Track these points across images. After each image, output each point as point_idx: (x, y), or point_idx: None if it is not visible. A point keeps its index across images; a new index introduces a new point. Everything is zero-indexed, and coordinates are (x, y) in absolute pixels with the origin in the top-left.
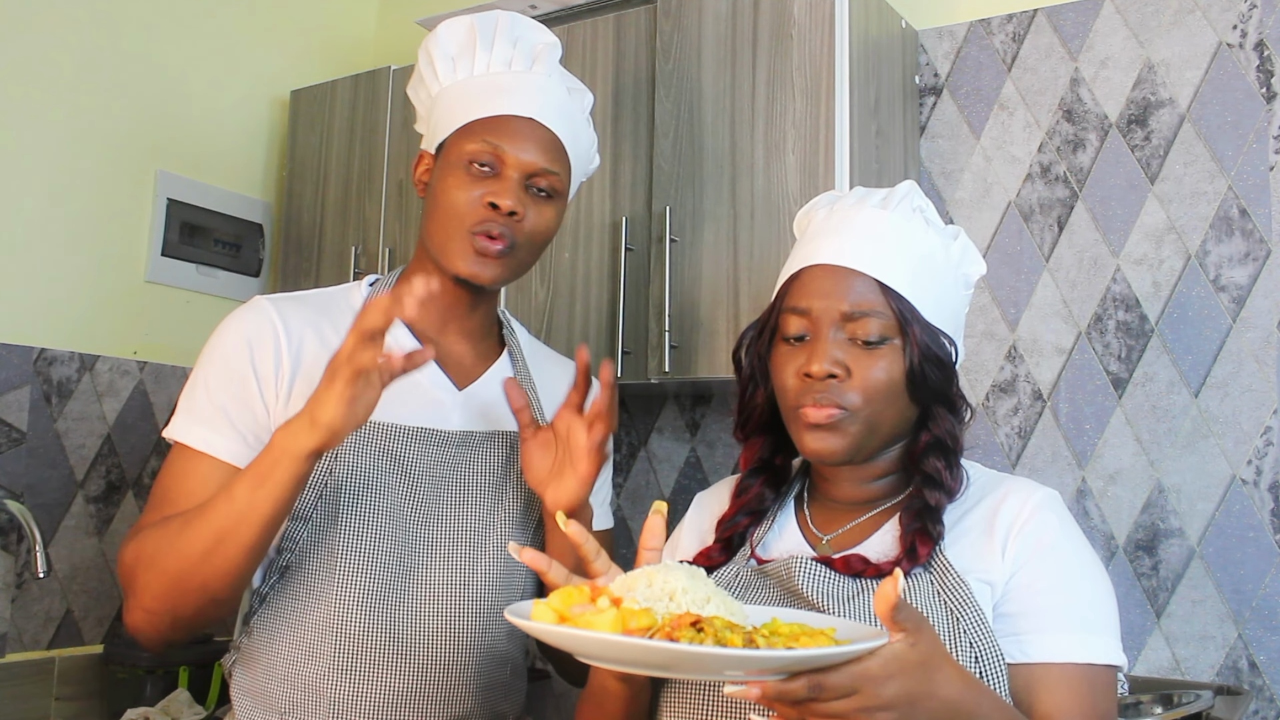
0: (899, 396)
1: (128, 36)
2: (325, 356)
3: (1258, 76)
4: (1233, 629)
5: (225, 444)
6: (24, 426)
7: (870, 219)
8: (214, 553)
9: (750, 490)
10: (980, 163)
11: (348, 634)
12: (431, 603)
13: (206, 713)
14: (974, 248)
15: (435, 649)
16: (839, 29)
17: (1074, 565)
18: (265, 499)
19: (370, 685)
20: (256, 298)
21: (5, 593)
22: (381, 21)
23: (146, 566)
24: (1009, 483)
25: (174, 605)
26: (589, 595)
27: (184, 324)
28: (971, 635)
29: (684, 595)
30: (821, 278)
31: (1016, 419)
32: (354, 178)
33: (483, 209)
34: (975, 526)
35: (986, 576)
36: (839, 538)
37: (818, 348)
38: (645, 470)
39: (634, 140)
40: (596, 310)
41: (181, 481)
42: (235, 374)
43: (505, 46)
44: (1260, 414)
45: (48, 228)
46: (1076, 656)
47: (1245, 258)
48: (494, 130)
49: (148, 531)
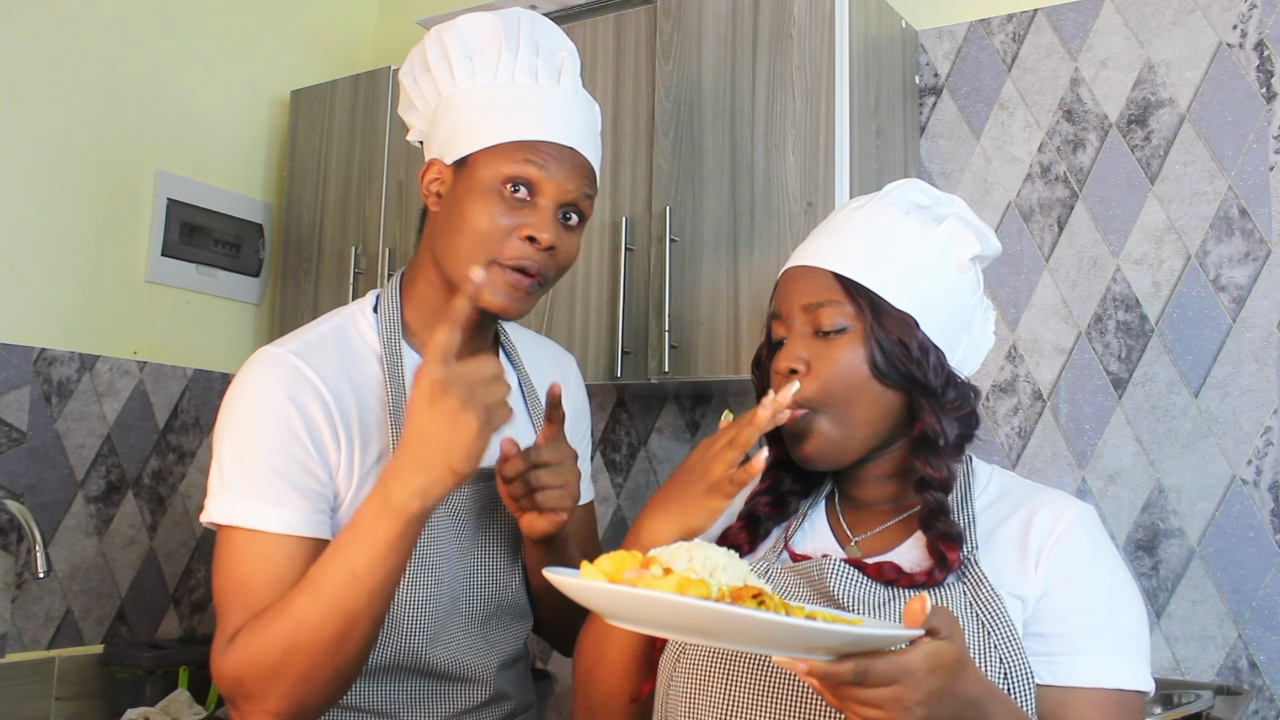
0: (868, 386)
1: (128, 36)
2: (368, 410)
3: (1258, 76)
4: (1233, 629)
5: (296, 517)
6: (24, 426)
7: (841, 220)
8: (347, 638)
9: (770, 472)
10: (980, 163)
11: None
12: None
13: (206, 713)
14: (968, 228)
15: (452, 664)
16: (839, 29)
17: (1107, 586)
18: (396, 568)
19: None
20: (271, 351)
21: (5, 593)
22: (381, 21)
23: (265, 673)
24: (1042, 495)
25: (304, 699)
26: (641, 560)
27: (184, 324)
28: (1002, 651)
29: (724, 573)
30: (788, 280)
31: (1016, 419)
32: (354, 178)
33: (519, 243)
34: (1009, 540)
35: (1019, 591)
36: (868, 540)
37: (784, 348)
38: (645, 470)
39: (634, 140)
40: (596, 310)
41: (261, 569)
42: (292, 440)
43: (529, 53)
44: (1260, 414)
45: (48, 228)
46: (1107, 682)
47: (1245, 258)
48: (533, 157)
49: (249, 636)
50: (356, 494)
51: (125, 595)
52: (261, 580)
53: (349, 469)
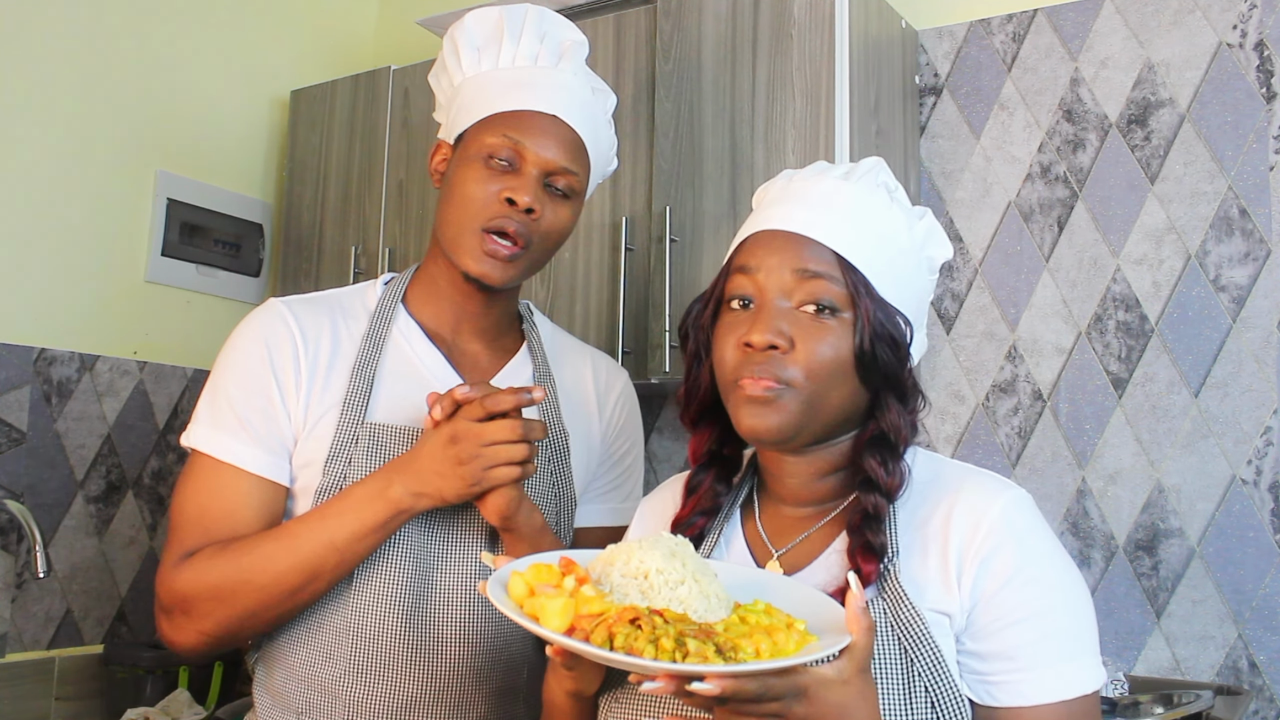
0: (846, 377)
1: (128, 36)
2: (340, 358)
3: (1258, 76)
4: (1233, 629)
5: (254, 456)
6: (24, 426)
7: (830, 189)
8: (301, 591)
9: (701, 486)
10: (980, 163)
11: (364, 636)
12: (446, 607)
13: (206, 713)
14: (941, 230)
15: (449, 654)
16: (839, 29)
17: (1040, 589)
18: (371, 548)
19: (384, 688)
20: (271, 300)
21: (5, 593)
22: (381, 21)
23: (213, 597)
24: (965, 486)
25: (239, 630)
26: (558, 574)
27: (184, 324)
28: (927, 679)
29: (657, 577)
30: (773, 240)
31: (1016, 419)
32: (354, 178)
33: (499, 204)
34: (930, 544)
35: (943, 607)
36: (789, 555)
37: (761, 316)
38: (645, 470)
39: (634, 140)
40: (596, 310)
41: (216, 499)
42: (257, 381)
43: (532, 41)
44: (1260, 414)
45: (48, 228)
46: (1056, 695)
47: (1245, 258)
48: (515, 125)
49: (208, 560)
50: (309, 434)
51: (125, 595)
52: (218, 509)
53: (304, 410)
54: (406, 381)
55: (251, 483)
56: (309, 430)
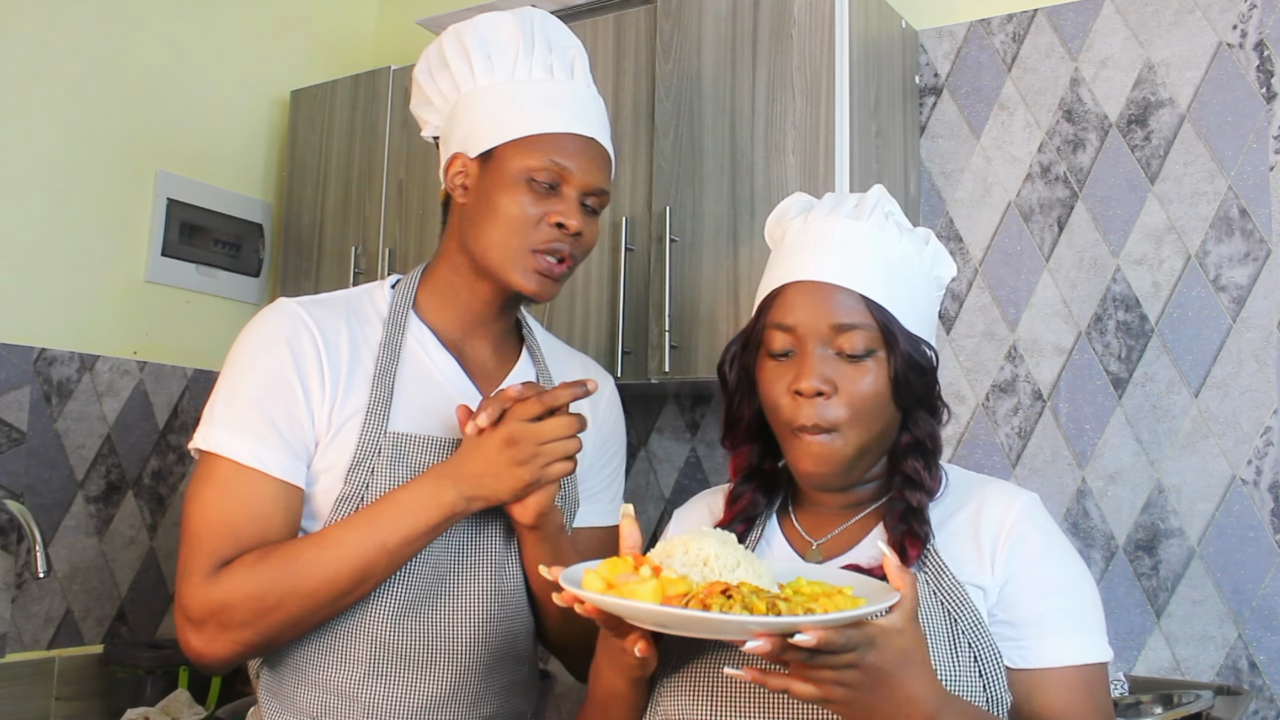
0: (885, 406)
1: (128, 36)
2: (359, 365)
3: (1258, 76)
4: (1233, 629)
5: (278, 460)
6: (24, 426)
7: (847, 231)
8: (349, 594)
9: (744, 496)
10: (980, 163)
11: (381, 641)
12: (461, 607)
13: (206, 713)
14: (944, 250)
15: (465, 652)
16: (839, 29)
17: (1061, 568)
18: (419, 549)
19: (403, 689)
20: (282, 300)
21: (5, 593)
22: (381, 21)
23: (256, 606)
24: (988, 488)
25: (279, 638)
26: (632, 565)
27: (184, 324)
28: (970, 636)
29: (716, 561)
30: (805, 294)
31: (1016, 419)
32: (354, 178)
33: (550, 229)
34: (962, 531)
35: (979, 581)
36: (828, 544)
37: (805, 364)
38: (645, 470)
39: (634, 140)
40: (596, 310)
41: (244, 505)
42: (282, 385)
43: (543, 50)
44: (1260, 414)
45: (48, 228)
46: (1075, 659)
47: (1245, 258)
48: (556, 149)
49: (248, 569)
50: (332, 441)
51: (125, 595)
52: (247, 515)
53: (328, 417)
54: (424, 389)
55: (278, 488)
56: (332, 437)
